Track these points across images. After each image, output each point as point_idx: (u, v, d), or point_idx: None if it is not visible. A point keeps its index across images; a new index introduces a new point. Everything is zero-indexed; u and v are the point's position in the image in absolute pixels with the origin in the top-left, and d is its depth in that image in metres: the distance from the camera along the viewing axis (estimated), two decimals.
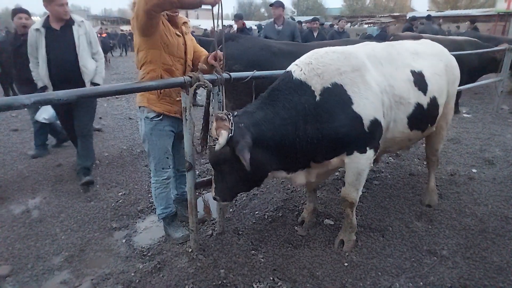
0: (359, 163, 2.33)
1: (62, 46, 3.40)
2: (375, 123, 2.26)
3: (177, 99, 2.40)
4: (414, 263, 2.48)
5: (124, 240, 2.77)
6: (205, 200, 2.77)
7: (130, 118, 6.53)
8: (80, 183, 3.57)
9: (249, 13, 43.15)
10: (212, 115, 2.10)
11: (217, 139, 1.93)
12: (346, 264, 2.46)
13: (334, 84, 2.18)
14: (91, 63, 3.56)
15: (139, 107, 2.51)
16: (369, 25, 23.21)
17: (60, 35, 3.40)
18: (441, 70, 2.77)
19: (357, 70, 2.25)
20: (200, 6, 2.14)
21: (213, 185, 2.23)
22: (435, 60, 2.78)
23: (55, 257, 2.56)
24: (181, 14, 2.54)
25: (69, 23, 3.43)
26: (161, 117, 2.47)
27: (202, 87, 2.20)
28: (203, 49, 2.71)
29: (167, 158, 2.59)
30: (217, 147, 1.94)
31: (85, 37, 3.50)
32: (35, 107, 3.59)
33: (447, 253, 2.59)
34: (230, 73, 2.42)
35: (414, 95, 2.49)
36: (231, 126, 1.96)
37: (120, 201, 3.37)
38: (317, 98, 2.16)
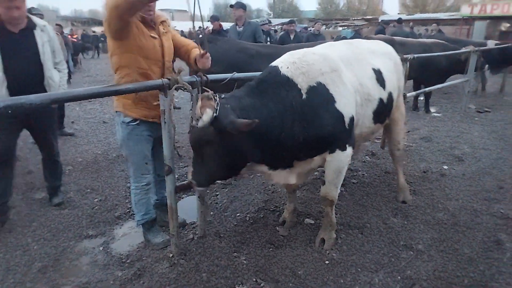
0: (340, 161, 2.39)
1: (23, 54, 2.85)
2: (352, 120, 2.35)
3: (154, 103, 2.32)
4: (391, 258, 2.55)
5: (101, 248, 2.68)
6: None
7: (104, 121, 6.35)
8: (52, 205, 3.29)
9: (225, 14, 43.05)
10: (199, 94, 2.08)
11: (201, 118, 1.91)
12: (327, 262, 2.50)
13: (319, 83, 2.22)
14: (56, 75, 3.08)
15: (116, 111, 2.44)
16: (343, 27, 23.71)
17: (19, 40, 2.83)
18: (392, 67, 2.94)
19: (335, 70, 2.32)
20: None
21: (191, 168, 2.18)
22: (386, 59, 2.94)
23: (27, 268, 2.44)
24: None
25: (30, 26, 2.88)
26: (138, 122, 2.41)
27: (182, 90, 2.17)
28: (189, 41, 2.64)
29: (146, 163, 2.54)
30: (199, 123, 1.91)
31: (49, 44, 3.00)
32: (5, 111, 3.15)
33: (423, 247, 2.68)
34: (207, 75, 2.41)
35: (377, 91, 2.62)
36: (217, 106, 1.94)
37: (96, 207, 3.27)
38: (304, 96, 2.19)
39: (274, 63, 2.33)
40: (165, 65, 2.44)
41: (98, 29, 29.92)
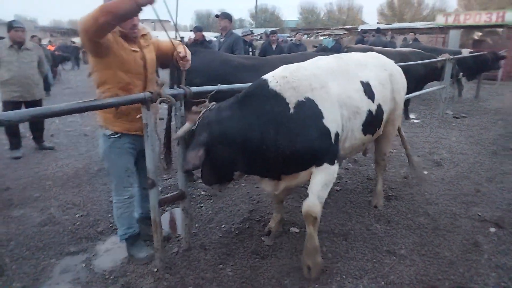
0: (328, 175, 2.35)
1: None
2: (338, 136, 2.37)
3: (137, 117, 2.31)
4: (375, 264, 2.59)
5: (84, 265, 2.62)
6: (172, 216, 2.73)
7: (85, 134, 6.24)
8: None
9: (207, 24, 43.24)
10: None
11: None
12: None
13: (307, 98, 2.24)
14: None
15: (99, 125, 2.44)
16: (324, 36, 24.11)
17: None
18: (385, 79, 2.96)
19: (324, 87, 2.34)
20: (139, 10, 1.97)
21: None
22: (380, 71, 2.97)
23: None
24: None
25: None
26: (119, 135, 2.40)
27: (165, 103, 2.18)
28: (175, 43, 2.60)
29: (128, 176, 2.52)
30: (174, 137, 2.14)
31: None
32: None
33: (405, 252, 2.74)
34: (191, 88, 2.42)
35: (365, 103, 2.65)
36: (198, 120, 2.09)
37: (77, 223, 3.19)
38: (291, 110, 2.20)
39: (265, 76, 2.34)
40: (147, 77, 2.44)
41: (78, 40, 29.55)
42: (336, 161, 2.39)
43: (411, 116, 7.46)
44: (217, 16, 5.77)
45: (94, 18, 1.89)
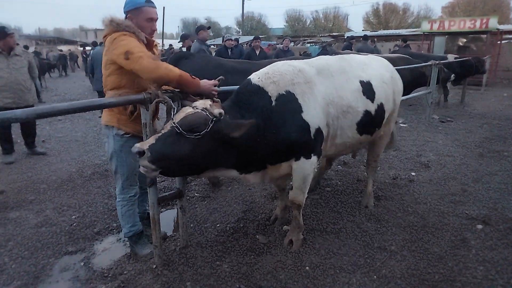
0: (305, 168, 2.51)
1: None
2: (319, 131, 2.47)
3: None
4: (367, 259, 2.69)
5: (82, 263, 2.65)
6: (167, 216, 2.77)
7: (76, 140, 6.23)
8: None
9: (194, 32, 43.39)
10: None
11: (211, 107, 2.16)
12: (307, 266, 2.59)
13: (288, 91, 2.36)
14: None
15: (106, 125, 2.51)
16: (311, 44, 24.46)
17: None
18: (388, 79, 3.06)
19: (308, 82, 2.46)
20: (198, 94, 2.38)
21: (151, 140, 1.99)
22: (382, 70, 3.07)
23: (6, 287, 2.38)
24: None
25: None
26: (130, 135, 2.50)
27: (162, 103, 2.25)
28: None
29: (135, 175, 2.60)
30: (209, 108, 2.13)
31: None
32: None
33: (395, 248, 2.84)
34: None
35: (362, 103, 2.72)
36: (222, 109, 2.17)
37: (74, 224, 3.22)
38: (273, 103, 2.33)
39: (250, 76, 2.49)
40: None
41: (64, 48, 29.31)
42: (313, 155, 2.50)
43: (399, 120, 7.63)
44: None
45: (170, 79, 2.21)
